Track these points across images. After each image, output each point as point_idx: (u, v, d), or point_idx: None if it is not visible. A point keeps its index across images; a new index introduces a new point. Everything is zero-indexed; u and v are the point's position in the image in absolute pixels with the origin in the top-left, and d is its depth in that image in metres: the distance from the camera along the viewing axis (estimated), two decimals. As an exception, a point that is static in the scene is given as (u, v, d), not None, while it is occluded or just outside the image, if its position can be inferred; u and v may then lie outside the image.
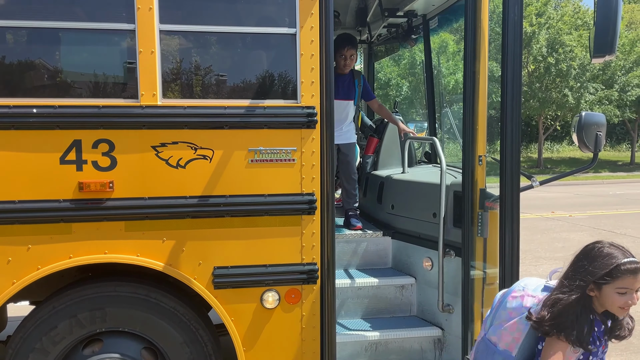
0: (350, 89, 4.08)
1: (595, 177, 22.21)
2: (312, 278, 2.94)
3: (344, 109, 4.07)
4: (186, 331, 2.87)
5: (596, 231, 10.19)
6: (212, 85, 2.89)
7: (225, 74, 2.90)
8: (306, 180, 2.89)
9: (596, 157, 3.03)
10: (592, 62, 2.83)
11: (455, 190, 3.42)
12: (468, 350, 3.15)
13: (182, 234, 2.78)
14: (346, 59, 3.93)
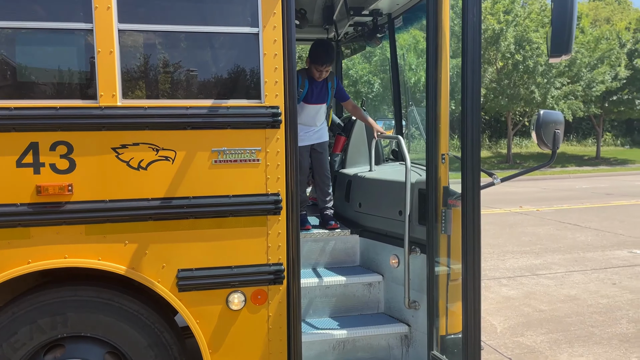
0: (323, 92, 4.10)
1: (562, 171, 22.76)
2: (278, 278, 2.94)
3: (317, 112, 4.11)
4: (150, 334, 2.83)
5: (562, 224, 10.45)
6: (173, 85, 2.85)
7: (187, 74, 2.87)
8: (271, 180, 2.89)
9: (554, 154, 3.11)
10: (550, 62, 2.89)
11: (420, 188, 3.46)
12: (434, 346, 3.20)
13: (145, 236, 2.75)
14: (321, 72, 3.95)
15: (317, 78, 3.98)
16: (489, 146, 30.34)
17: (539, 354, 4.57)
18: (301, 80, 3.97)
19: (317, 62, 3.90)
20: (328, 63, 3.92)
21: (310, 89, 4.02)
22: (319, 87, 4.05)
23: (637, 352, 4.56)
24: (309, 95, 4.03)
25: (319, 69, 3.92)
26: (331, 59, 3.96)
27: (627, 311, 5.54)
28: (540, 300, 5.92)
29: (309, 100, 4.04)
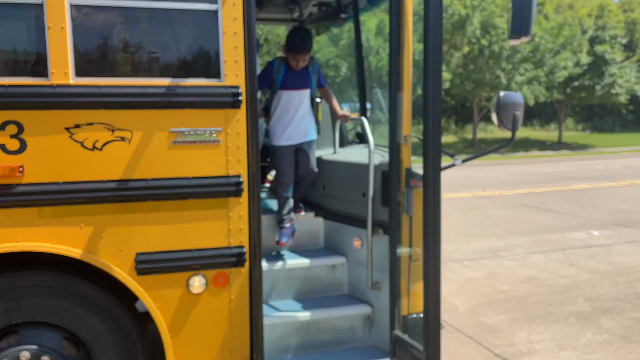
0: (304, 77, 3.79)
1: (525, 156, 23.29)
2: (240, 261, 2.91)
3: (298, 101, 3.77)
4: (108, 319, 2.78)
5: (524, 208, 10.71)
6: (129, 63, 2.76)
7: (144, 51, 2.78)
8: (232, 162, 2.84)
9: (514, 136, 3.15)
10: (510, 43, 2.92)
11: (383, 170, 3.47)
12: (395, 326, 3.24)
13: (101, 219, 2.67)
14: (298, 61, 3.69)
15: (294, 67, 3.72)
16: (455, 131, 30.78)
17: (498, 332, 4.69)
18: (276, 64, 3.72)
19: (293, 49, 3.65)
20: (305, 50, 3.64)
21: (288, 75, 3.74)
22: (298, 72, 3.77)
23: (593, 329, 4.73)
24: (286, 81, 3.73)
25: (296, 58, 3.67)
26: (308, 46, 3.67)
27: (583, 290, 5.73)
28: (501, 281, 6.07)
29: (287, 86, 3.75)
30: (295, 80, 3.74)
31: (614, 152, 24.87)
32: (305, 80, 3.80)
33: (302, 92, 3.78)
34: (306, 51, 3.65)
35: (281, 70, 3.72)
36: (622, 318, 4.94)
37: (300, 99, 3.77)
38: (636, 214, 9.86)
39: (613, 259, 6.90)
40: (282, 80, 3.72)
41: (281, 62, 3.73)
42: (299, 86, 3.76)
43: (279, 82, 3.72)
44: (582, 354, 4.24)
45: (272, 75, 3.70)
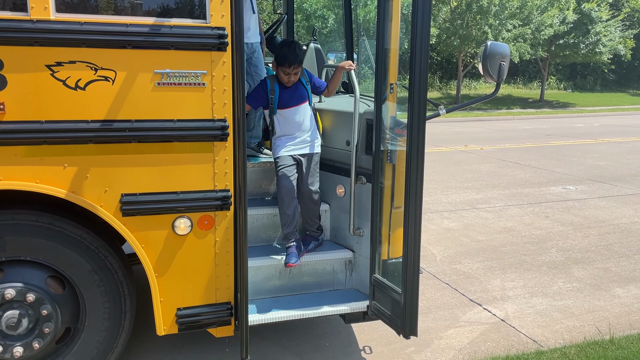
0: (299, 91, 3.53)
1: (507, 113, 23.43)
2: (225, 205, 2.94)
3: (300, 115, 3.51)
4: (94, 259, 2.81)
5: (503, 162, 10.88)
6: (112, 0, 2.68)
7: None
8: (217, 105, 2.83)
9: (499, 86, 3.18)
10: None
11: (368, 118, 3.48)
12: (376, 270, 3.34)
13: (85, 160, 2.66)
14: (290, 76, 3.41)
15: (286, 83, 3.44)
16: (439, 87, 30.69)
17: (474, 279, 4.86)
18: (269, 84, 3.47)
19: (283, 63, 3.36)
20: (296, 63, 3.37)
21: (283, 93, 3.48)
22: (292, 88, 3.50)
23: (563, 277, 4.93)
24: (283, 99, 3.47)
25: (287, 72, 3.38)
26: (299, 58, 3.40)
27: (557, 241, 5.94)
28: (478, 232, 6.24)
29: (285, 104, 3.48)
30: (292, 97, 3.50)
31: (594, 111, 25.16)
32: (302, 93, 3.53)
33: (301, 106, 3.52)
34: (298, 64, 3.40)
35: (275, 89, 3.46)
36: (592, 268, 5.16)
37: (300, 114, 3.52)
38: (611, 170, 10.11)
39: (587, 213, 7.12)
40: (278, 99, 3.47)
41: (273, 81, 3.48)
42: (297, 102, 3.51)
43: (276, 102, 3.48)
44: (552, 300, 4.44)
45: (267, 96, 3.47)
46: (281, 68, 3.39)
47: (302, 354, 3.53)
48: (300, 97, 3.51)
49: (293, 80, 3.44)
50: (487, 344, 3.70)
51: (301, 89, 3.54)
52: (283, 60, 3.36)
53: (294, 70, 3.39)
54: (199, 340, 3.62)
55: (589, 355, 3.43)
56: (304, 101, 3.54)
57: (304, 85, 3.55)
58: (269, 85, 3.47)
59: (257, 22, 4.10)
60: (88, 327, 2.88)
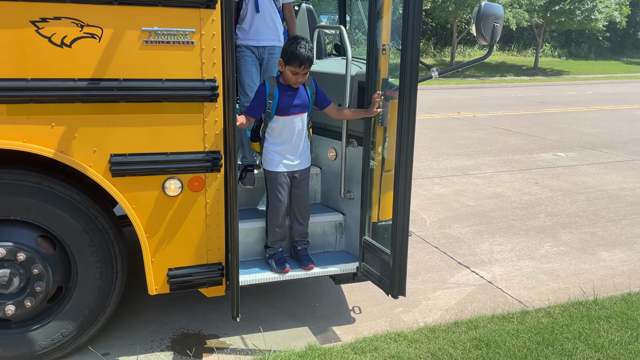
0: (302, 97, 3.24)
1: (500, 80, 23.31)
2: (215, 166, 2.93)
3: (299, 125, 3.26)
4: (85, 219, 2.81)
5: (495, 129, 10.89)
6: (97, -46, 2.60)
7: (112, -58, 2.61)
8: (207, 65, 2.78)
9: (492, 48, 3.15)
10: None
11: (360, 80, 3.45)
12: (365, 232, 3.37)
13: (73, 119, 2.63)
14: (298, 76, 3.12)
15: (293, 84, 3.17)
16: (433, 54, 30.38)
17: (462, 243, 4.93)
18: (269, 88, 3.16)
19: (292, 62, 3.07)
20: (307, 62, 3.09)
21: (283, 97, 3.19)
22: (293, 94, 3.22)
23: (551, 241, 5.01)
24: (282, 105, 3.19)
25: (296, 72, 3.10)
26: (310, 57, 3.10)
27: (545, 207, 6.00)
28: (468, 197, 6.29)
29: (284, 111, 3.20)
30: (293, 103, 3.23)
31: (587, 79, 25.08)
32: (304, 102, 3.26)
33: (301, 116, 3.27)
34: (309, 63, 3.11)
35: (275, 93, 3.18)
36: (579, 232, 5.24)
37: (299, 124, 3.27)
38: (601, 138, 10.16)
39: (576, 179, 7.18)
40: (277, 104, 3.19)
41: (273, 85, 3.19)
42: (297, 110, 3.24)
43: (274, 108, 3.20)
44: (539, 263, 4.52)
45: (266, 102, 3.18)
46: (289, 67, 3.10)
47: (293, 314, 3.59)
48: (301, 106, 3.25)
49: (301, 81, 3.16)
50: (474, 305, 3.78)
51: (304, 97, 3.26)
52: (292, 58, 3.07)
53: (304, 70, 3.11)
54: (191, 300, 3.67)
55: (572, 314, 3.52)
56: (304, 111, 3.28)
57: (307, 95, 3.28)
58: (267, 89, 3.18)
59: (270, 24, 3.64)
60: (79, 287, 2.90)
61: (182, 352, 3.12)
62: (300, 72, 3.11)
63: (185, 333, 3.34)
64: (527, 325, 3.37)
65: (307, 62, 3.10)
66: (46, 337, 2.91)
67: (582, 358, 3.02)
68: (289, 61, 3.09)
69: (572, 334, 3.26)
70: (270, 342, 3.23)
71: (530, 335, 3.24)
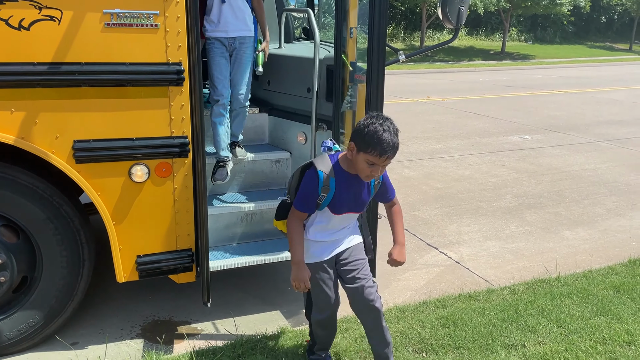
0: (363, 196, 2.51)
1: (469, 64, 23.59)
2: (183, 151, 2.90)
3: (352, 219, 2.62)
4: (49, 207, 2.75)
5: (464, 113, 11.04)
6: None
7: None
8: (172, 48, 2.74)
9: (457, 32, 3.18)
10: None
11: (328, 64, 3.45)
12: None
13: (34, 104, 2.56)
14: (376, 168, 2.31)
15: (364, 177, 2.35)
16: (403, 38, 30.48)
17: (431, 225, 5.01)
18: (323, 179, 2.37)
19: (371, 149, 2.24)
20: (391, 152, 2.25)
21: (340, 194, 2.41)
22: (356, 189, 2.44)
23: (516, 221, 5.13)
24: (337, 203, 2.43)
25: (373, 163, 2.27)
26: (397, 144, 2.27)
27: (511, 188, 6.14)
28: (437, 180, 6.39)
29: (338, 210, 2.45)
30: (351, 201, 2.46)
31: (552, 63, 25.59)
32: (364, 199, 2.50)
33: (352, 215, 2.55)
34: (393, 153, 2.27)
35: (331, 186, 2.39)
36: (543, 212, 5.38)
37: (351, 220, 2.59)
38: (566, 120, 10.41)
39: (541, 161, 7.36)
40: (331, 200, 2.42)
41: (330, 175, 2.38)
42: (355, 208, 2.50)
43: (326, 203, 2.43)
44: (505, 243, 4.64)
45: (318, 194, 2.39)
46: (366, 155, 2.26)
47: (265, 298, 3.61)
48: (360, 204, 2.50)
49: (375, 176, 2.34)
50: (442, 285, 3.86)
51: (365, 193, 2.49)
52: (372, 144, 2.23)
53: (386, 161, 2.28)
54: (161, 287, 3.64)
55: (536, 291, 3.63)
56: (361, 210, 2.55)
57: (370, 189, 2.50)
58: (321, 180, 2.37)
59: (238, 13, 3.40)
60: (45, 276, 2.85)
61: (152, 340, 3.11)
62: (381, 163, 2.27)
63: (156, 320, 3.32)
64: (493, 303, 3.47)
65: (392, 151, 2.25)
66: (12, 328, 2.85)
67: (545, 333, 3.13)
68: (367, 148, 2.24)
69: (535, 310, 3.37)
70: (242, 327, 3.24)
71: (495, 312, 3.33)
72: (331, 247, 2.56)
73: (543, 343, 3.03)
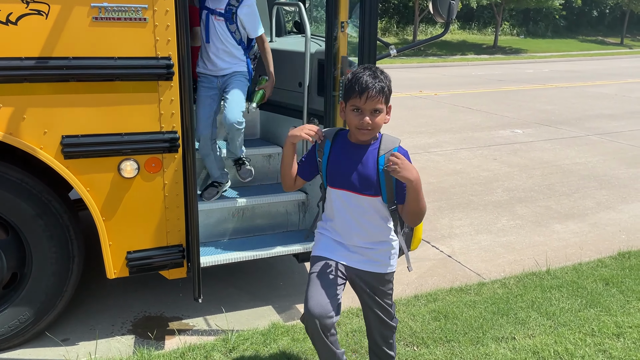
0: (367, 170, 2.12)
1: (461, 59, 23.60)
2: (173, 147, 2.88)
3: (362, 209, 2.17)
4: (37, 204, 2.73)
5: (456, 108, 11.06)
6: None
7: None
8: (161, 42, 2.71)
9: (448, 26, 3.18)
10: None
11: (320, 58, 3.44)
12: (327, 210, 3.37)
13: (21, 100, 2.53)
14: (362, 115, 2.03)
15: (357, 130, 2.05)
16: (395, 32, 30.44)
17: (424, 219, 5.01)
18: (321, 141, 2.16)
19: (351, 93, 2.03)
20: (372, 92, 1.99)
21: (334, 158, 2.14)
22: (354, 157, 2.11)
23: (507, 215, 5.16)
24: (331, 169, 2.14)
25: (357, 107, 2.02)
26: (381, 87, 2.01)
27: (503, 182, 6.17)
28: (429, 174, 6.40)
29: (331, 179, 2.15)
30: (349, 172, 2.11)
31: (544, 57, 25.66)
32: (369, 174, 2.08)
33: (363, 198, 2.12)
34: (377, 94, 1.99)
35: (325, 149, 2.15)
36: (534, 206, 5.41)
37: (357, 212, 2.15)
38: (557, 114, 10.46)
39: (532, 155, 7.39)
40: (326, 166, 2.15)
41: (328, 138, 2.17)
42: (354, 184, 2.11)
43: (324, 169, 2.17)
44: (496, 237, 4.66)
45: (315, 158, 2.21)
46: (350, 102, 2.03)
47: (257, 293, 3.61)
48: (362, 181, 2.08)
49: (367, 126, 2.01)
50: (434, 278, 3.88)
51: (370, 169, 2.08)
52: (351, 89, 2.02)
53: (370, 104, 1.99)
54: (152, 283, 3.63)
55: (526, 284, 3.66)
56: (363, 190, 2.09)
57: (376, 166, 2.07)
58: (319, 144, 2.17)
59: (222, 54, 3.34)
60: (35, 272, 2.83)
61: (143, 335, 3.10)
62: (365, 107, 1.99)
63: (147, 316, 3.31)
64: (484, 297, 3.49)
65: (374, 90, 1.98)
66: (3, 324, 2.83)
67: (535, 326, 3.15)
68: (348, 93, 2.04)
69: (525, 303, 3.40)
70: (234, 322, 3.24)
71: (486, 305, 3.35)
72: (340, 248, 2.19)
73: (533, 335, 3.05)
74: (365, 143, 2.12)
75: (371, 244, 2.20)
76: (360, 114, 2.03)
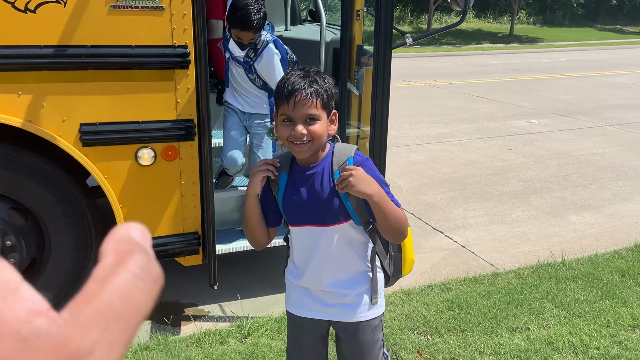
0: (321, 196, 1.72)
1: (476, 48, 23.33)
2: (189, 135, 2.90)
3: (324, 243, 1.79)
4: (56, 190, 2.77)
5: (470, 97, 10.96)
6: None
7: None
8: (177, 31, 2.72)
9: (465, 15, 3.15)
10: None
11: (335, 47, 3.43)
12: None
13: (40, 87, 2.56)
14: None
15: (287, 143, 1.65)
16: (410, 21, 30.16)
17: (437, 209, 5.01)
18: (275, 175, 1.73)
19: (280, 98, 1.61)
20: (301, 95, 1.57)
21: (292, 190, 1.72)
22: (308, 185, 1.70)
23: (522, 206, 5.13)
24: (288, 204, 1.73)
25: (287, 114, 1.60)
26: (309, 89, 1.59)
27: (518, 172, 6.12)
28: (443, 164, 6.37)
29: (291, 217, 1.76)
30: (307, 203, 1.71)
31: (561, 46, 25.26)
32: (330, 199, 1.69)
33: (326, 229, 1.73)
34: (305, 98, 1.58)
35: (281, 182, 1.74)
36: (550, 197, 5.37)
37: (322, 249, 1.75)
38: (574, 104, 10.32)
39: (548, 145, 7.32)
40: (282, 203, 1.74)
41: (282, 168, 1.74)
42: (314, 217, 1.72)
43: (281, 203, 1.75)
44: (510, 228, 4.63)
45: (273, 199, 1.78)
46: (279, 111, 1.62)
47: (271, 281, 3.63)
48: (321, 210, 1.70)
49: (301, 134, 1.57)
50: (448, 268, 3.88)
51: (329, 193, 1.68)
52: (280, 89, 1.61)
53: (297, 112, 1.57)
54: (168, 270, 3.67)
55: (541, 275, 3.64)
56: (326, 221, 1.71)
57: (332, 181, 1.67)
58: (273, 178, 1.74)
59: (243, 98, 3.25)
60: (54, 258, 2.88)
61: (160, 321, 3.15)
62: (295, 114, 1.58)
63: (163, 302, 3.36)
64: (498, 287, 3.48)
65: (305, 93, 1.57)
66: (22, 309, 2.89)
67: (550, 316, 3.14)
68: (276, 101, 1.66)
69: (540, 293, 3.38)
70: (249, 309, 3.27)
71: (500, 295, 3.35)
72: (310, 300, 1.81)
73: (547, 326, 3.04)
74: (314, 162, 1.69)
75: (345, 286, 1.77)
76: (292, 124, 1.59)
